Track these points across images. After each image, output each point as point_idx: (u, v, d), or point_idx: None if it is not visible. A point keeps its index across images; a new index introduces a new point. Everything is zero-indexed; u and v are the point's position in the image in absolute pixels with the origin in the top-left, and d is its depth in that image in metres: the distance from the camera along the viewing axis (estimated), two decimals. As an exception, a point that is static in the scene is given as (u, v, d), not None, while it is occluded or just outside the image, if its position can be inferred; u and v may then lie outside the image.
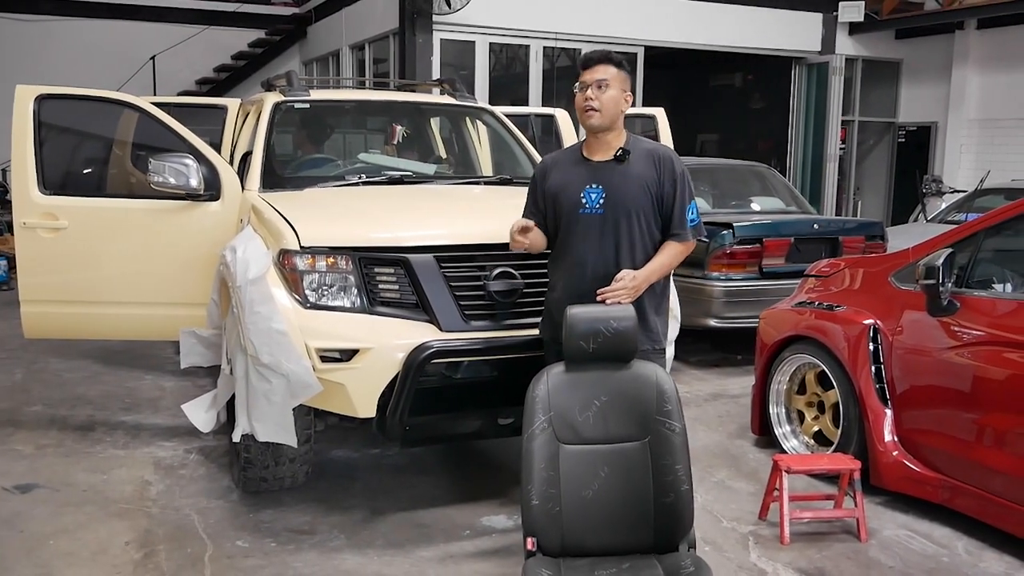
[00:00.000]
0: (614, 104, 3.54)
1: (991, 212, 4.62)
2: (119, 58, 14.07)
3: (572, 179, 3.62)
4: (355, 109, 6.69)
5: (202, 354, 5.18)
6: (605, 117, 3.54)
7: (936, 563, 3.98)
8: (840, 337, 4.81)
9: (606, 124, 3.56)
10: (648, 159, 3.58)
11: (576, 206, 3.57)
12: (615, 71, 3.56)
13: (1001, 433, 4.04)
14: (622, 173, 3.55)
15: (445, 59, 11.78)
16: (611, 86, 3.53)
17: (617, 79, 3.56)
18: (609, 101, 3.53)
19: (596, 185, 3.56)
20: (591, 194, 3.55)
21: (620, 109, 3.57)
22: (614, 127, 3.59)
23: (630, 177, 3.54)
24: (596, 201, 3.55)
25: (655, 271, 3.54)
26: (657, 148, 3.65)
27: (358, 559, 3.96)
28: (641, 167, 3.55)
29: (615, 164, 3.57)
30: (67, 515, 4.34)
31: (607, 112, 3.54)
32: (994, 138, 13.84)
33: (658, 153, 3.61)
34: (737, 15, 13.29)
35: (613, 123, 3.57)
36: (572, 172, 3.65)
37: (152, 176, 4.94)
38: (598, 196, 3.54)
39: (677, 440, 2.99)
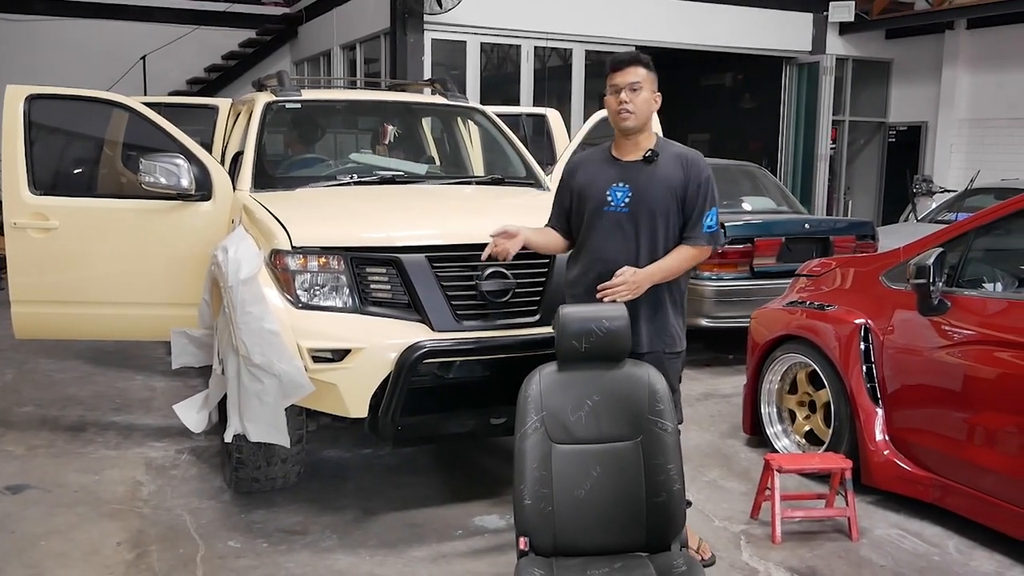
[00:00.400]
0: (646, 106, 3.58)
1: (981, 212, 4.63)
2: (109, 58, 14.01)
3: (599, 177, 3.65)
4: (346, 109, 6.68)
5: (193, 354, 5.17)
6: (639, 119, 3.58)
7: (927, 562, 3.99)
8: (831, 336, 4.82)
9: (640, 126, 3.60)
10: (676, 162, 3.60)
11: (601, 203, 3.60)
12: (645, 72, 3.58)
13: (992, 432, 4.06)
14: (649, 174, 3.58)
15: (436, 59, 11.77)
16: (643, 88, 3.56)
17: (647, 80, 3.58)
18: (642, 103, 3.56)
19: (623, 184, 3.58)
20: (617, 192, 3.58)
21: (651, 110, 3.61)
22: (645, 127, 3.62)
23: (657, 178, 3.56)
24: (621, 200, 3.57)
25: (658, 270, 3.54)
26: (686, 152, 3.66)
27: (350, 559, 3.96)
28: (669, 169, 3.58)
29: (643, 165, 3.59)
30: (59, 516, 4.33)
31: (641, 114, 3.57)
32: (984, 138, 13.89)
33: (687, 157, 3.63)
34: (728, 15, 13.32)
35: (644, 122, 3.60)
36: (600, 170, 3.67)
37: (143, 176, 4.93)
38: (624, 195, 3.57)
39: (669, 440, 3.00)
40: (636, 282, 3.45)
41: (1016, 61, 13.28)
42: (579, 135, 5.97)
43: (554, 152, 6.97)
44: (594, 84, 12.86)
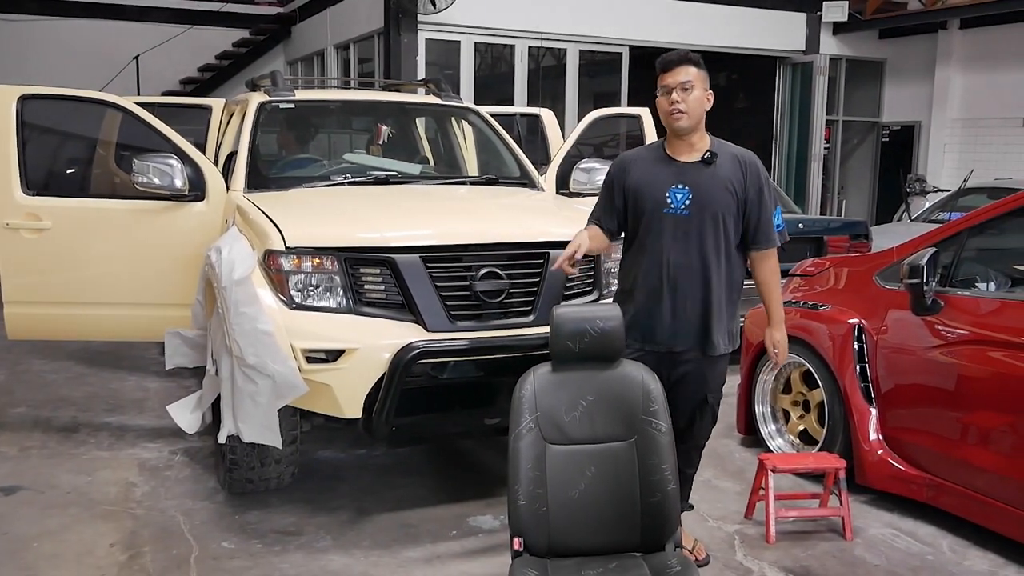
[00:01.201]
0: (699, 105, 3.55)
1: (974, 211, 4.64)
2: (102, 58, 13.97)
3: (656, 178, 3.61)
4: (340, 109, 6.67)
5: (187, 355, 5.16)
6: (693, 118, 3.55)
7: (921, 561, 4.00)
8: (825, 336, 4.82)
9: (693, 125, 3.57)
10: (734, 163, 3.58)
11: (660, 205, 3.57)
12: (695, 71, 3.55)
13: (985, 431, 4.07)
14: (710, 175, 3.55)
15: (430, 59, 11.76)
16: (695, 87, 3.54)
17: (699, 79, 3.56)
18: (695, 102, 3.54)
19: (682, 186, 3.55)
20: (676, 194, 3.55)
21: (704, 109, 3.58)
22: (699, 127, 3.60)
23: (718, 180, 3.54)
24: (682, 202, 3.54)
25: (779, 310, 3.77)
26: (743, 153, 3.64)
27: (344, 560, 3.95)
28: (728, 170, 3.56)
29: (703, 166, 3.57)
30: (51, 517, 4.32)
31: (694, 113, 3.55)
32: (977, 137, 13.92)
33: (744, 158, 3.61)
34: (722, 15, 13.32)
35: (698, 121, 3.58)
36: (656, 170, 3.64)
37: (136, 176, 4.92)
38: (684, 197, 3.54)
39: (663, 440, 3.00)
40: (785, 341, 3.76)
41: (1009, 61, 13.30)
42: (573, 135, 5.98)
43: (548, 152, 6.97)
44: (588, 84, 12.87)
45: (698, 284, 3.55)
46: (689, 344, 3.59)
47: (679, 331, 3.57)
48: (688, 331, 3.58)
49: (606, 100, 13.11)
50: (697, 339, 3.59)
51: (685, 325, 3.57)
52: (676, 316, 3.57)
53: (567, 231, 3.98)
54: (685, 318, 3.57)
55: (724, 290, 3.60)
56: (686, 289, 3.55)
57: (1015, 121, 13.30)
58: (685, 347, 3.59)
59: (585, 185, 5.44)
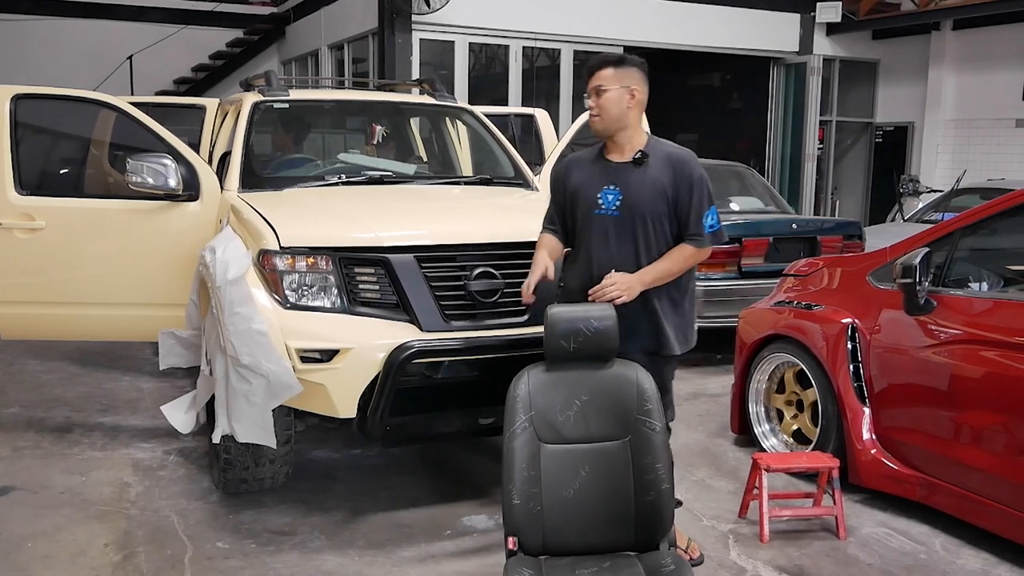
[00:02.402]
0: (613, 104, 3.55)
1: (967, 211, 4.65)
2: (96, 57, 13.95)
3: (590, 179, 3.63)
4: (334, 109, 6.67)
5: (181, 355, 5.15)
6: (606, 120, 3.57)
7: (914, 560, 4.01)
8: (818, 336, 4.84)
9: (610, 126, 3.58)
10: (666, 163, 3.56)
11: (592, 206, 3.58)
12: (611, 71, 3.57)
13: (978, 431, 4.08)
14: (639, 176, 3.55)
15: (424, 59, 11.76)
16: (608, 88, 3.55)
17: (614, 78, 3.56)
18: (607, 103, 3.55)
19: (613, 186, 3.56)
20: (608, 195, 3.56)
21: (624, 107, 3.56)
22: (624, 126, 3.59)
23: (647, 180, 3.54)
24: (612, 203, 3.55)
25: (650, 273, 3.51)
26: (677, 152, 3.62)
27: (339, 560, 3.95)
28: (659, 171, 3.55)
29: (633, 166, 3.57)
30: (45, 517, 4.31)
31: (607, 114, 3.56)
32: (970, 138, 13.95)
33: (677, 157, 3.59)
34: (715, 15, 13.35)
35: (619, 123, 3.58)
36: (590, 171, 3.66)
37: (130, 176, 4.91)
38: (615, 197, 3.55)
39: (657, 439, 3.01)
40: (626, 282, 3.42)
41: (1002, 62, 13.34)
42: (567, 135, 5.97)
43: (542, 152, 6.97)
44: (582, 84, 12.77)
45: None
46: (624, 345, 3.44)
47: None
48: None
49: (600, 100, 13.08)
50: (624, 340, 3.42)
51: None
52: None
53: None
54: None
55: (661, 291, 3.55)
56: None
57: (1008, 122, 13.34)
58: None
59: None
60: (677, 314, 3.64)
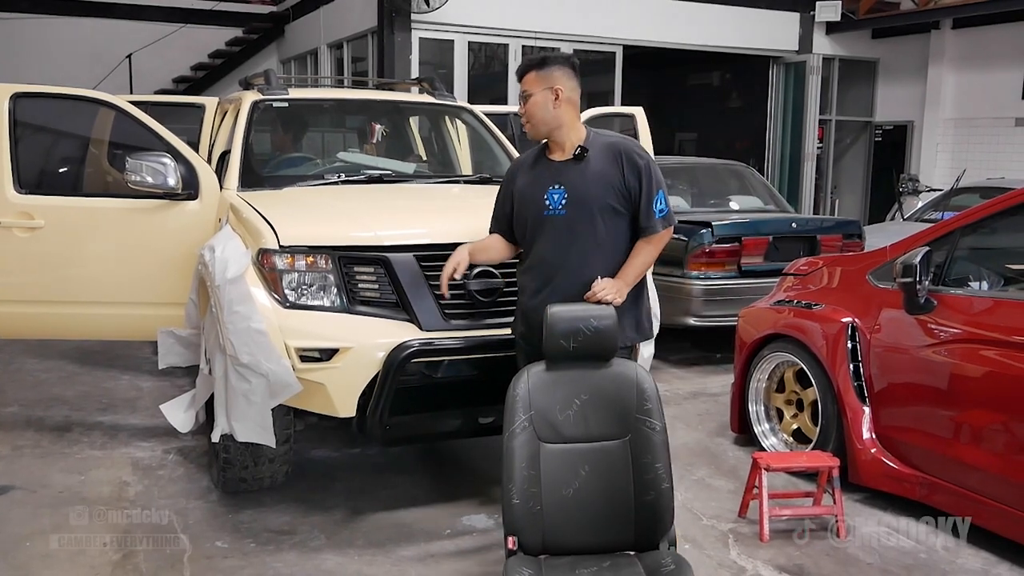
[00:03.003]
0: (539, 108, 3.53)
1: (967, 211, 4.65)
2: (95, 56, 13.96)
3: (535, 181, 3.60)
4: (334, 108, 6.66)
5: (180, 354, 5.15)
6: (535, 124, 3.56)
7: (914, 559, 4.01)
8: (818, 335, 4.83)
9: (539, 130, 3.57)
10: (608, 153, 3.52)
11: (541, 208, 3.54)
12: (533, 75, 3.54)
13: (978, 430, 4.08)
14: (582, 171, 3.51)
15: (424, 58, 11.76)
16: (532, 93, 3.53)
17: (536, 82, 3.53)
18: (533, 107, 3.53)
19: (558, 186, 3.52)
20: (554, 195, 3.52)
21: (550, 109, 3.52)
22: (558, 126, 3.54)
23: (590, 175, 3.49)
24: (559, 202, 3.51)
25: (631, 273, 3.49)
26: (617, 142, 3.58)
27: (338, 559, 3.95)
28: (602, 163, 3.50)
29: (575, 163, 3.53)
30: (44, 516, 4.31)
31: (534, 119, 3.55)
32: (969, 137, 13.95)
33: (618, 147, 3.54)
34: (715, 14, 13.35)
35: (547, 125, 3.54)
36: (536, 174, 3.63)
37: (129, 175, 4.90)
38: (560, 197, 3.51)
39: (657, 438, 3.01)
40: (615, 287, 3.41)
41: (1001, 61, 13.34)
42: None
43: (542, 151, 6.96)
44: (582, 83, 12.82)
45: (578, 282, 3.46)
46: None
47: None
48: None
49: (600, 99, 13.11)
50: None
51: None
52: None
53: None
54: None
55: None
56: (566, 288, 3.46)
57: (1007, 121, 13.34)
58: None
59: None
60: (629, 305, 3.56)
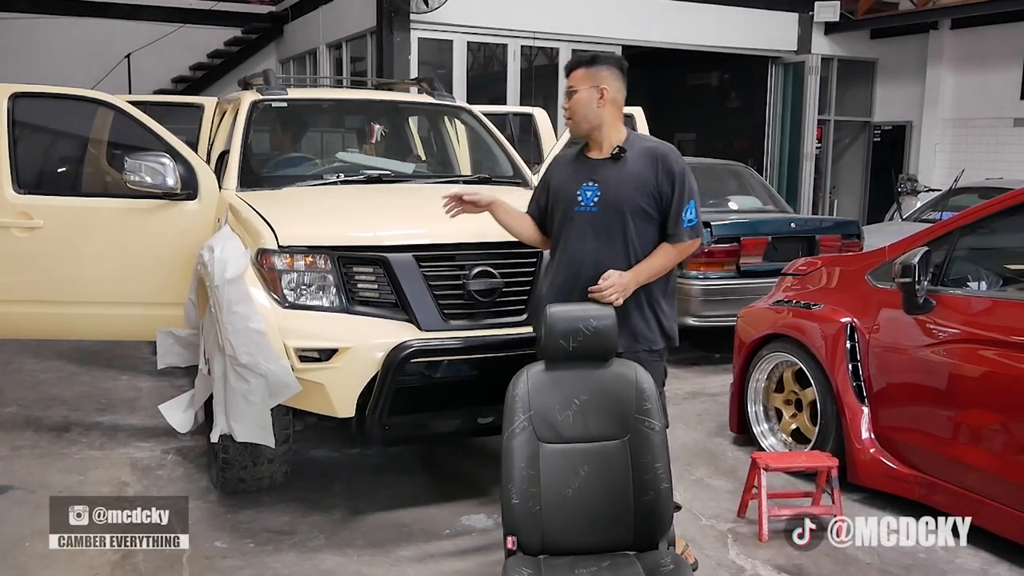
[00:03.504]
0: (583, 105, 3.54)
1: (966, 211, 4.65)
2: (94, 56, 13.94)
3: (571, 176, 3.63)
4: (333, 108, 6.66)
5: (179, 354, 5.15)
6: (577, 120, 3.58)
7: (913, 559, 4.01)
8: (817, 335, 4.83)
9: (581, 127, 3.58)
10: (646, 157, 3.53)
11: (572, 203, 3.57)
12: (582, 72, 3.56)
13: (977, 430, 4.08)
14: (618, 171, 3.52)
15: (423, 58, 11.76)
16: (578, 89, 3.55)
17: (583, 79, 3.55)
18: (577, 104, 3.55)
19: (592, 183, 3.54)
20: (587, 192, 3.54)
21: (595, 106, 3.54)
22: (598, 125, 3.56)
23: (625, 176, 3.51)
24: (591, 199, 3.53)
25: (644, 271, 3.48)
26: (657, 146, 3.58)
27: (338, 559, 3.95)
28: (638, 165, 3.51)
29: (611, 162, 3.54)
30: (43, 517, 4.28)
31: (577, 115, 3.57)
32: (968, 137, 13.96)
33: (655, 151, 3.55)
34: (714, 15, 13.35)
35: (589, 123, 3.57)
36: (572, 169, 3.65)
37: (128, 175, 4.90)
38: (593, 194, 3.53)
39: (657, 439, 3.01)
40: (623, 284, 3.41)
41: (1000, 61, 13.35)
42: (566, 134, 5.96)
43: (541, 151, 6.97)
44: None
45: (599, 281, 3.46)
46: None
47: None
48: None
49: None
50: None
51: None
52: None
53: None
54: None
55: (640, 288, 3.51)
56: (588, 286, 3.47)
57: (1006, 121, 13.35)
58: None
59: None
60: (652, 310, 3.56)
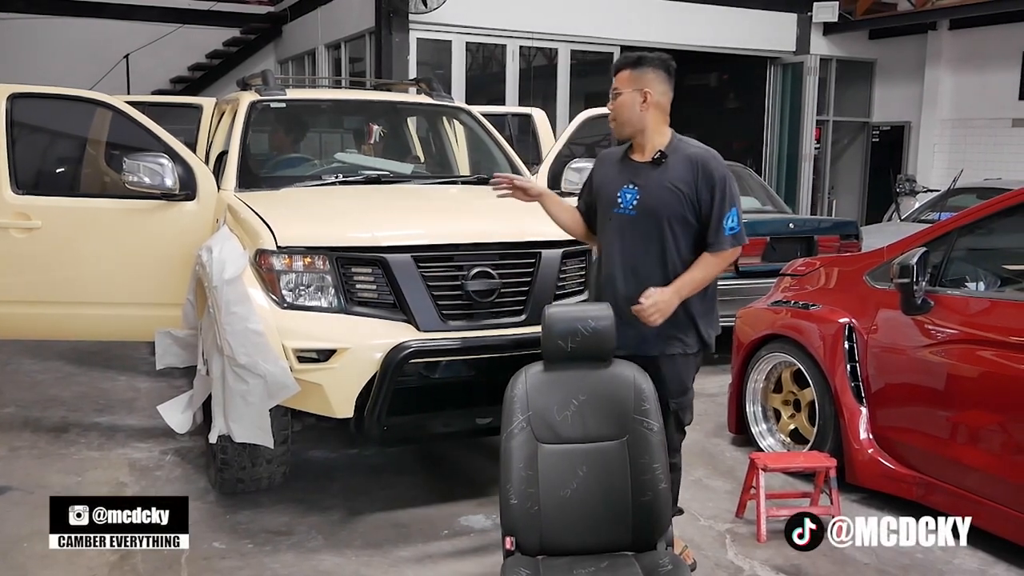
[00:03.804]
0: (626, 108, 3.52)
1: (964, 211, 4.66)
2: (93, 56, 13.92)
3: (613, 177, 3.62)
4: (331, 108, 6.66)
5: (178, 355, 5.14)
6: (620, 123, 3.55)
7: (911, 559, 4.01)
8: (816, 336, 4.84)
9: (625, 130, 3.56)
10: (687, 164, 3.48)
11: (611, 204, 3.57)
12: (626, 74, 3.53)
13: (974, 430, 4.08)
14: (658, 176, 3.50)
15: (421, 58, 11.76)
16: (622, 91, 3.52)
17: (627, 81, 3.52)
18: (620, 107, 3.53)
19: (633, 186, 3.53)
20: (626, 194, 3.53)
21: (636, 111, 3.51)
22: (641, 128, 3.54)
23: (665, 181, 3.48)
24: (630, 202, 3.52)
25: (686, 285, 3.46)
26: (699, 152, 3.52)
27: (336, 559, 3.95)
28: (679, 171, 3.48)
29: (652, 167, 3.52)
30: (41, 517, 4.27)
31: (620, 117, 3.54)
32: (966, 138, 13.98)
33: (697, 157, 3.50)
34: (712, 15, 13.36)
35: (632, 126, 3.54)
36: (615, 170, 3.64)
37: (127, 176, 4.90)
38: (632, 197, 3.52)
39: (655, 439, 3.01)
40: (665, 301, 3.38)
41: (998, 61, 13.36)
42: (564, 135, 5.98)
43: (540, 152, 6.98)
44: (579, 84, 12.88)
45: (635, 286, 3.47)
46: (630, 347, 3.45)
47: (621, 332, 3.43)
48: (626, 334, 3.43)
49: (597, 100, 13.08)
50: (637, 341, 3.48)
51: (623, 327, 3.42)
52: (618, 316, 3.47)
53: (557, 231, 3.98)
54: (625, 319, 3.44)
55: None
56: (624, 290, 3.50)
57: (1004, 121, 13.36)
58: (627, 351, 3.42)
59: (577, 185, 5.40)
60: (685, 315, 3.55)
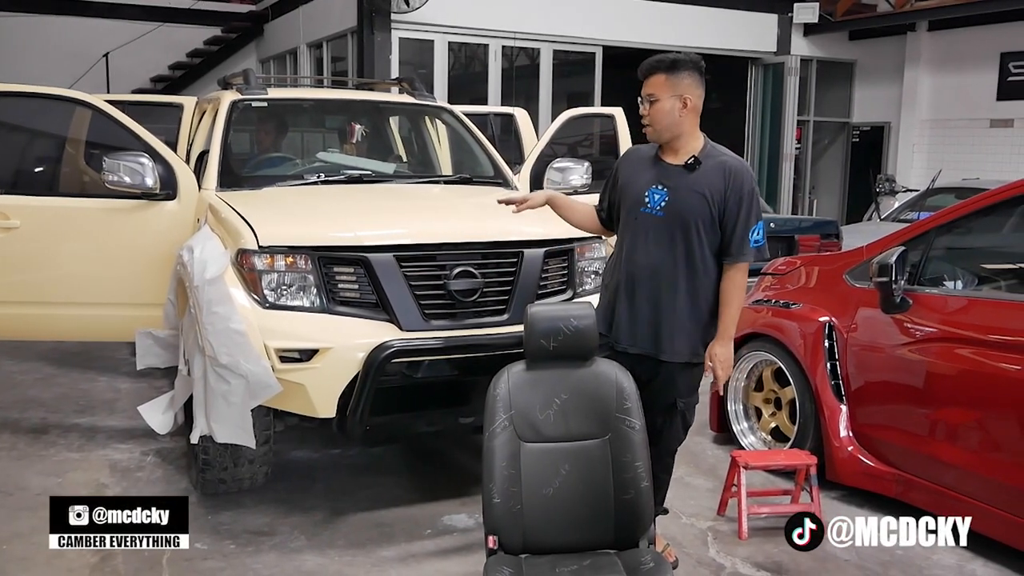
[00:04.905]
0: (665, 115, 3.48)
1: (942, 211, 4.70)
2: (72, 55, 13.82)
3: (641, 176, 3.60)
4: (313, 108, 6.65)
5: (159, 355, 5.11)
6: (658, 130, 3.52)
7: (891, 556, 4.04)
8: (796, 334, 4.86)
9: (663, 136, 3.54)
10: (719, 171, 3.48)
11: (638, 204, 3.56)
12: (663, 79, 3.48)
13: (953, 428, 4.12)
14: (689, 181, 3.49)
15: (403, 58, 11.75)
16: (659, 98, 3.47)
17: (666, 87, 3.47)
18: (658, 113, 3.49)
19: (662, 187, 3.52)
20: (654, 195, 3.52)
21: (676, 117, 3.48)
22: (678, 134, 3.52)
23: (696, 186, 3.48)
24: (658, 203, 3.51)
25: (730, 323, 3.54)
26: (731, 162, 3.52)
27: (319, 560, 3.94)
28: (709, 178, 3.47)
29: (684, 171, 3.51)
30: (21, 519, 4.27)
31: (658, 124, 3.51)
32: (945, 138, 14.09)
33: (730, 167, 3.49)
34: (694, 15, 13.41)
35: (671, 132, 3.52)
36: (643, 169, 3.62)
37: (107, 175, 4.87)
38: (660, 198, 3.51)
39: (637, 437, 3.02)
40: (728, 355, 3.53)
41: (976, 63, 13.48)
42: (547, 135, 5.99)
43: (522, 151, 6.98)
44: (561, 83, 12.90)
45: (656, 288, 3.51)
46: (646, 348, 3.54)
47: (635, 333, 3.56)
48: (643, 334, 3.54)
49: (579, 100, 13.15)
50: (653, 343, 3.54)
51: (640, 328, 3.54)
52: (632, 317, 3.56)
53: (540, 230, 3.99)
54: (640, 320, 3.54)
55: (686, 297, 3.52)
56: (645, 291, 3.52)
57: (982, 122, 13.47)
58: (641, 350, 3.55)
59: (559, 184, 5.44)
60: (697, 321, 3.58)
